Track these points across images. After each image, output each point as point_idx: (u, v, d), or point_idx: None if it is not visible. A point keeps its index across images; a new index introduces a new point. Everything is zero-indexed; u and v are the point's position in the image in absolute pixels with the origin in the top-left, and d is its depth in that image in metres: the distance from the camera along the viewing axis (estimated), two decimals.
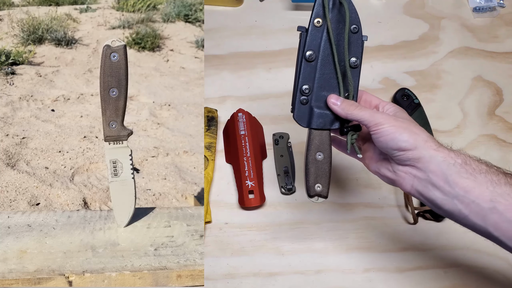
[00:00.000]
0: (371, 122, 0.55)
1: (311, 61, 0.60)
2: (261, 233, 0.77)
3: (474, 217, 0.51)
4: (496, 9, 1.01)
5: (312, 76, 0.60)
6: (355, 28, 0.59)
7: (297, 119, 0.61)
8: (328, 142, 0.60)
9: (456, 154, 0.53)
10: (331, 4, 0.59)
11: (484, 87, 0.92)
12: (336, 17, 0.59)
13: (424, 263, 0.74)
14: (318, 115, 0.60)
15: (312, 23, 0.59)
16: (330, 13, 0.59)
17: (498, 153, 0.85)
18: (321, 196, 0.60)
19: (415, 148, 0.53)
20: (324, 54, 0.59)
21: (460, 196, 0.51)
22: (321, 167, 0.60)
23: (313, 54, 0.59)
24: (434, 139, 0.55)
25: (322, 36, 0.59)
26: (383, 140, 0.55)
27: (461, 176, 0.51)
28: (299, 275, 0.73)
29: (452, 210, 0.52)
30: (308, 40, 0.59)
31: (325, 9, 0.58)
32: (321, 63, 0.60)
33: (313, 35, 0.59)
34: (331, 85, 0.60)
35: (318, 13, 0.59)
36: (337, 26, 0.59)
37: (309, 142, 0.60)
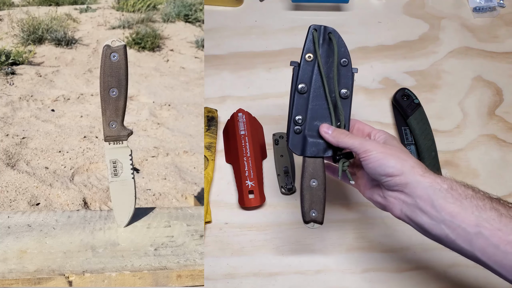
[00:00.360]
0: (361, 149, 0.58)
1: (303, 93, 0.63)
2: (261, 233, 0.77)
3: (461, 242, 0.52)
4: (496, 9, 1.01)
5: (305, 107, 0.63)
6: (345, 62, 0.63)
7: (292, 148, 0.63)
8: (322, 169, 0.63)
9: (442, 180, 0.54)
10: (321, 39, 0.63)
11: (484, 87, 0.92)
12: (326, 51, 0.63)
13: (424, 263, 0.74)
14: (312, 143, 0.62)
15: (303, 58, 0.63)
16: (320, 48, 0.63)
17: (498, 153, 0.85)
18: (316, 222, 0.62)
19: (402, 174, 0.55)
20: (316, 86, 0.63)
21: (446, 220, 0.52)
22: (316, 194, 0.62)
23: (305, 87, 0.63)
24: (421, 165, 0.56)
25: (314, 70, 0.63)
26: (371, 166, 0.57)
27: (447, 201, 0.52)
28: (299, 275, 0.73)
29: (439, 234, 0.53)
30: (300, 74, 0.63)
31: (315, 44, 0.62)
32: (312, 95, 0.63)
33: (304, 69, 0.63)
34: (323, 115, 0.63)
35: (309, 49, 0.63)
36: (327, 60, 0.63)
37: (304, 170, 0.63)
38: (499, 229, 0.49)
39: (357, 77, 0.92)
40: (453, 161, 0.84)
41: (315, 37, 0.63)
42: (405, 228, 0.77)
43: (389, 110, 0.89)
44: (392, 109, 0.88)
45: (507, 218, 0.50)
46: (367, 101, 0.90)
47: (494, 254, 0.49)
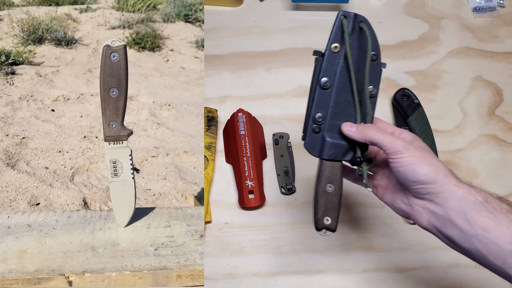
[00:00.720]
0: (391, 149, 0.52)
1: (326, 89, 0.56)
2: (261, 233, 0.77)
3: (493, 258, 0.48)
4: (496, 9, 1.01)
5: (327, 104, 0.56)
6: (374, 56, 0.57)
7: (308, 148, 0.57)
8: (340, 174, 0.57)
9: (477, 191, 0.50)
10: (351, 28, 0.56)
11: (484, 87, 0.92)
12: (355, 43, 0.56)
13: (424, 263, 0.74)
14: (331, 145, 0.56)
15: (329, 48, 0.56)
16: (349, 39, 0.55)
17: (498, 153, 0.85)
18: (330, 230, 0.57)
19: (435, 182, 0.51)
20: (340, 82, 0.56)
21: (479, 235, 0.49)
22: (331, 200, 0.57)
23: (328, 82, 0.56)
24: (454, 174, 0.52)
25: (339, 63, 0.56)
26: (402, 171, 0.52)
27: (481, 215, 0.49)
28: (299, 275, 0.73)
29: (470, 249, 0.50)
30: (324, 66, 0.56)
31: (344, 33, 0.55)
32: (336, 91, 0.56)
33: (329, 61, 0.56)
34: (346, 114, 0.57)
35: (337, 38, 0.55)
36: (354, 52, 0.56)
37: (320, 173, 0.57)
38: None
39: None
40: (453, 161, 0.84)
41: (344, 25, 0.55)
42: (405, 228, 0.77)
43: (389, 110, 0.89)
44: (392, 109, 0.88)
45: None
46: None
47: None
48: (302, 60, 0.94)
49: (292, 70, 0.93)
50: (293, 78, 0.92)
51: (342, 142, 0.56)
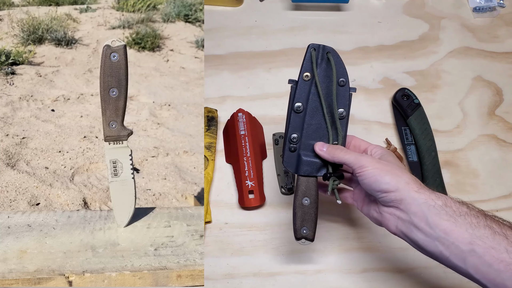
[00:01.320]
0: (356, 164, 0.58)
1: (299, 112, 0.63)
2: (261, 233, 0.77)
3: (455, 259, 0.51)
4: (496, 9, 1.01)
5: (300, 126, 0.63)
6: (343, 81, 0.63)
7: (286, 165, 0.64)
8: (315, 188, 0.63)
9: (437, 196, 0.54)
10: (320, 59, 0.63)
11: (484, 87, 0.92)
12: (324, 71, 0.63)
13: (423, 263, 0.74)
14: (306, 162, 0.63)
15: (301, 77, 0.63)
16: (318, 68, 0.63)
17: (498, 153, 0.85)
18: (307, 239, 0.63)
19: (397, 190, 0.55)
20: (312, 106, 0.63)
21: (440, 237, 0.52)
22: (308, 212, 0.63)
23: (301, 106, 0.63)
24: (416, 181, 0.56)
25: (311, 89, 0.63)
26: (367, 182, 0.57)
27: (441, 218, 0.52)
28: (299, 275, 0.73)
29: (434, 251, 0.53)
30: (297, 93, 0.63)
31: (313, 64, 0.62)
32: (309, 114, 0.63)
33: (301, 88, 0.63)
34: (319, 134, 0.63)
35: (307, 68, 0.63)
36: (324, 80, 0.63)
37: (297, 188, 0.63)
38: (492, 247, 0.49)
39: (357, 77, 0.92)
40: (453, 161, 0.84)
41: (313, 56, 0.62)
42: None
43: (389, 110, 0.89)
44: (392, 109, 0.88)
45: (501, 236, 0.49)
46: (367, 101, 0.90)
47: (487, 272, 0.49)
48: (302, 60, 0.94)
49: (292, 70, 0.92)
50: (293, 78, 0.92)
51: (316, 160, 0.63)
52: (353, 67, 0.94)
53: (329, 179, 0.62)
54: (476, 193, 0.81)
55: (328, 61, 0.62)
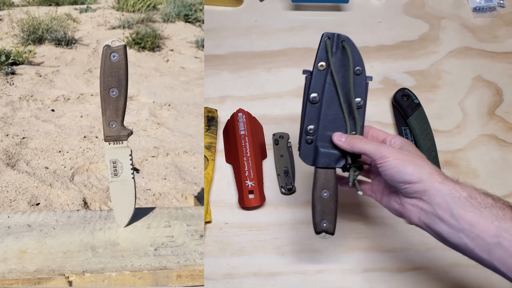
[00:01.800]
0: (377, 155, 0.56)
1: (315, 103, 0.61)
2: (261, 233, 0.77)
3: (480, 251, 0.50)
4: (496, 9, 1.01)
5: (317, 117, 0.62)
6: (359, 70, 0.61)
7: (303, 158, 0.62)
8: (334, 180, 0.62)
9: (462, 187, 0.53)
10: (334, 47, 0.61)
11: (484, 87, 0.92)
12: (340, 60, 0.61)
13: (424, 263, 0.74)
14: (323, 154, 0.61)
15: (316, 67, 0.61)
16: (333, 57, 0.61)
17: (498, 153, 0.85)
18: (328, 233, 0.62)
19: (421, 181, 0.54)
20: (328, 96, 0.61)
21: (465, 230, 0.51)
22: (327, 205, 0.61)
23: (317, 97, 0.61)
24: (439, 172, 0.55)
25: (326, 79, 0.61)
26: (389, 173, 0.56)
27: (466, 210, 0.51)
28: (299, 275, 0.73)
29: (458, 243, 0.52)
30: (312, 83, 0.61)
31: (328, 53, 0.60)
32: (325, 104, 0.61)
33: (317, 78, 0.61)
34: (336, 125, 0.62)
35: (322, 57, 0.61)
36: (340, 69, 0.61)
37: (315, 180, 0.62)
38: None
39: None
40: (453, 161, 0.84)
41: (328, 45, 0.61)
42: (405, 228, 0.77)
43: (389, 110, 0.89)
44: (392, 109, 0.88)
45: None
46: (367, 101, 0.89)
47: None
48: (302, 60, 0.94)
49: (292, 70, 0.93)
50: (293, 78, 0.92)
51: (333, 151, 0.61)
52: None
53: (349, 170, 0.60)
54: None
55: (344, 50, 0.61)
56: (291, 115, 0.88)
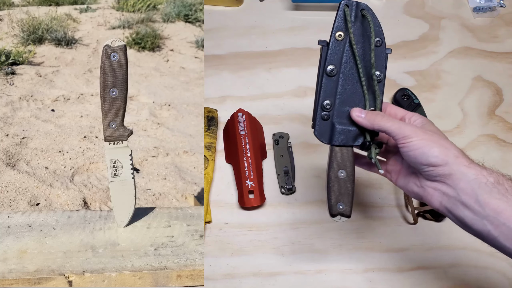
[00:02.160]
0: (399, 134, 0.53)
1: (332, 76, 0.58)
2: (261, 233, 0.77)
3: (504, 240, 0.48)
4: (496, 9, 1.01)
5: (334, 91, 0.58)
6: (379, 41, 0.58)
7: (318, 136, 0.59)
8: (351, 159, 0.58)
9: (489, 172, 0.50)
10: (353, 17, 0.57)
11: (484, 87, 0.92)
12: (359, 30, 0.58)
13: (424, 263, 0.74)
14: (340, 131, 0.58)
15: (333, 37, 0.57)
16: (353, 26, 0.57)
17: (498, 153, 0.85)
18: (344, 216, 0.59)
19: (446, 164, 0.51)
20: (346, 69, 0.58)
21: (490, 217, 0.48)
22: (344, 186, 0.58)
23: (334, 69, 0.57)
24: (465, 155, 0.52)
25: (344, 50, 0.58)
26: (412, 155, 0.52)
27: (492, 196, 0.49)
28: (299, 275, 0.73)
29: (481, 230, 0.50)
30: (329, 54, 0.57)
31: (347, 22, 0.57)
32: (343, 77, 0.58)
33: (334, 49, 0.58)
34: (354, 100, 0.58)
35: (340, 27, 0.57)
36: (359, 39, 0.58)
37: (331, 159, 0.58)
38: None
39: None
40: None
41: (347, 13, 0.56)
42: (405, 228, 0.77)
43: None
44: None
45: None
46: None
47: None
48: (302, 60, 0.94)
49: (292, 70, 0.93)
50: (293, 78, 0.92)
51: (351, 128, 0.57)
52: None
53: (370, 148, 0.56)
54: None
55: (364, 19, 0.57)
56: (291, 115, 0.88)
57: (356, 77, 0.58)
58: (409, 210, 0.78)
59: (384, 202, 0.79)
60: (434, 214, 0.76)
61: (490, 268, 0.73)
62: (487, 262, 0.74)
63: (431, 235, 0.76)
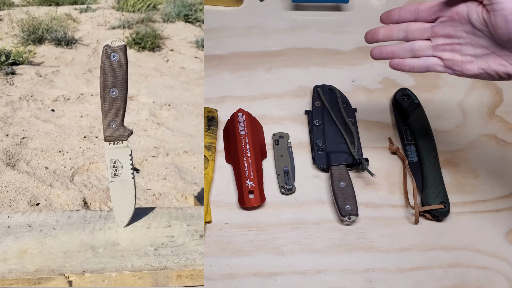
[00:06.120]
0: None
1: (318, 126, 0.83)
2: (261, 233, 0.77)
3: None
4: None
5: (322, 134, 0.82)
6: (345, 103, 0.85)
7: (318, 163, 0.80)
8: (346, 173, 0.78)
9: None
10: (323, 92, 0.86)
11: (484, 87, 0.92)
12: (329, 98, 0.85)
13: (424, 263, 0.74)
14: (334, 157, 0.80)
15: (314, 106, 0.85)
16: (325, 96, 0.86)
17: (498, 153, 0.85)
18: (352, 215, 0.74)
19: None
20: (327, 120, 0.83)
21: None
22: (346, 192, 0.76)
23: (319, 121, 0.84)
24: None
25: (323, 111, 0.84)
26: (510, 19, 0.43)
27: None
28: (299, 275, 0.73)
29: None
30: (314, 115, 0.84)
31: (320, 95, 0.86)
32: (326, 126, 0.83)
33: (316, 112, 0.85)
34: (336, 137, 0.82)
35: (316, 98, 0.86)
36: (331, 103, 0.85)
37: (332, 176, 0.78)
38: None
39: (357, 77, 0.92)
40: (453, 161, 0.84)
41: (319, 91, 0.86)
42: (405, 228, 0.77)
43: (389, 110, 0.89)
44: (392, 109, 0.88)
45: None
46: (367, 101, 0.90)
47: None
48: (302, 60, 0.94)
49: (292, 70, 0.93)
50: (293, 78, 0.92)
51: (341, 153, 0.80)
52: (353, 67, 0.94)
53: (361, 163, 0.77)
54: (476, 193, 0.81)
55: (331, 91, 0.86)
56: (291, 115, 0.88)
57: (335, 124, 0.83)
58: (409, 210, 0.78)
59: (384, 202, 0.79)
60: (434, 214, 0.76)
61: (490, 268, 0.73)
62: (487, 262, 0.74)
63: (431, 235, 0.76)
